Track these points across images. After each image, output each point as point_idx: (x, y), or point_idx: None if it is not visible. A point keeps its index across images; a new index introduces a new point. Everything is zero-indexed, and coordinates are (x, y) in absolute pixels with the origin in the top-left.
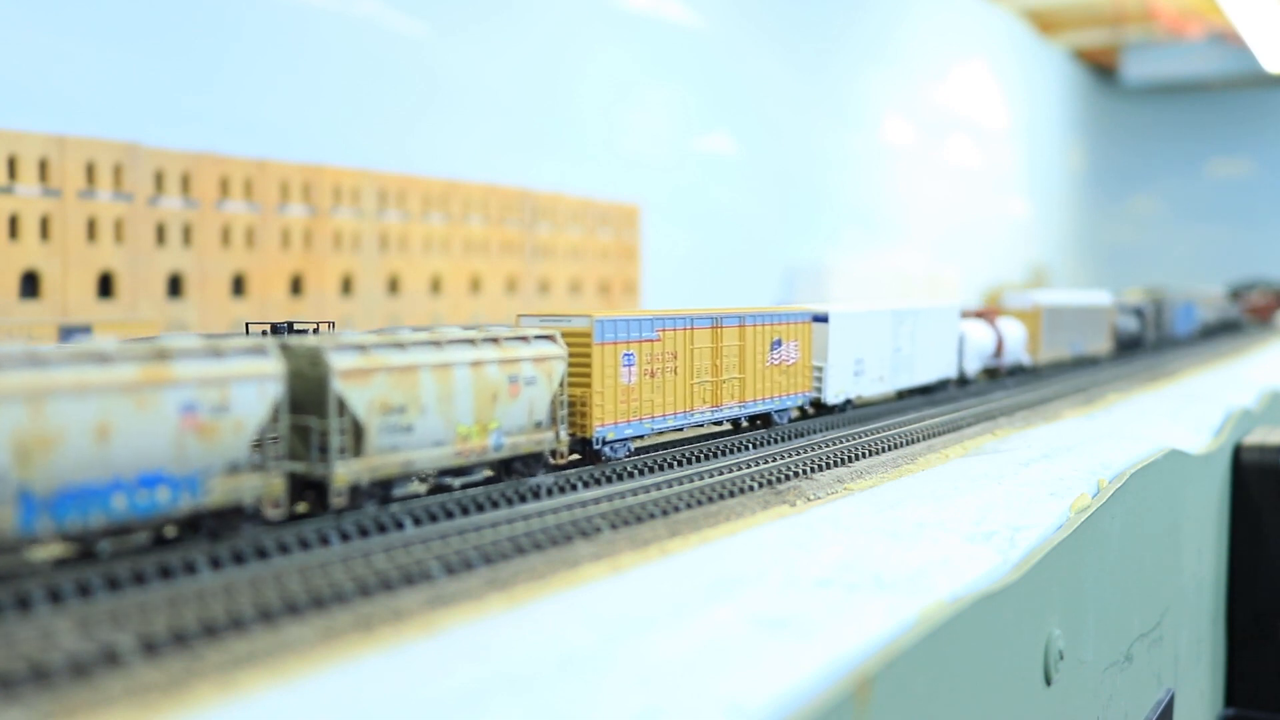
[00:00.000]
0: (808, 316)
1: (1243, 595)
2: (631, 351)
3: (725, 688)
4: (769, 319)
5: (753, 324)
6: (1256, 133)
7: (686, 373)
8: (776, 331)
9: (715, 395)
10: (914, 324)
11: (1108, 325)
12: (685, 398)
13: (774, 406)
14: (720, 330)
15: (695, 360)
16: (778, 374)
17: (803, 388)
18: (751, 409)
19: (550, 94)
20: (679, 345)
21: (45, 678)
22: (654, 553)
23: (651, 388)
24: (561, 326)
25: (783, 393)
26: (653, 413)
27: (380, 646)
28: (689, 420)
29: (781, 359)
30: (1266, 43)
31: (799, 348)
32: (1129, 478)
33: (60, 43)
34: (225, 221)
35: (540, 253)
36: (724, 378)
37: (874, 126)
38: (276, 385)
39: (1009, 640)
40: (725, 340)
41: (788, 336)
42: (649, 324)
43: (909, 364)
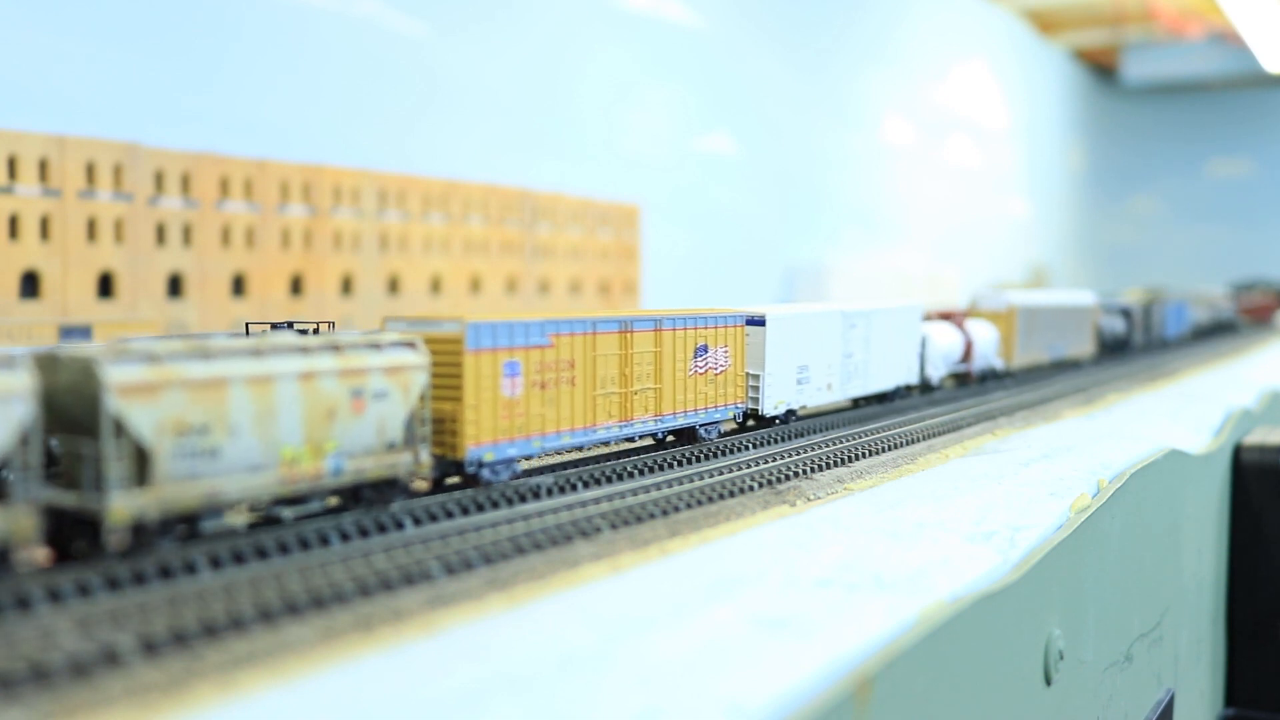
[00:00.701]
0: (740, 320)
1: (1243, 595)
2: (516, 360)
3: (725, 688)
4: (692, 322)
5: (671, 328)
6: (1256, 133)
7: (587, 383)
8: (701, 336)
9: (625, 408)
10: (867, 327)
11: (1090, 327)
12: (586, 411)
13: (699, 420)
14: (630, 335)
15: (599, 369)
16: (703, 383)
17: (735, 398)
18: (670, 423)
19: (550, 94)
20: (577, 352)
21: (45, 678)
22: (654, 553)
23: (543, 401)
24: (427, 332)
25: (710, 404)
26: (544, 429)
27: (380, 646)
28: (591, 437)
29: (708, 367)
30: (1266, 43)
31: (730, 354)
32: (1129, 478)
33: (60, 43)
34: (225, 221)
35: (540, 253)
36: (636, 388)
37: (874, 126)
38: (24, 405)
39: (1009, 640)
40: (637, 346)
41: (716, 342)
42: (538, 328)
43: (862, 370)
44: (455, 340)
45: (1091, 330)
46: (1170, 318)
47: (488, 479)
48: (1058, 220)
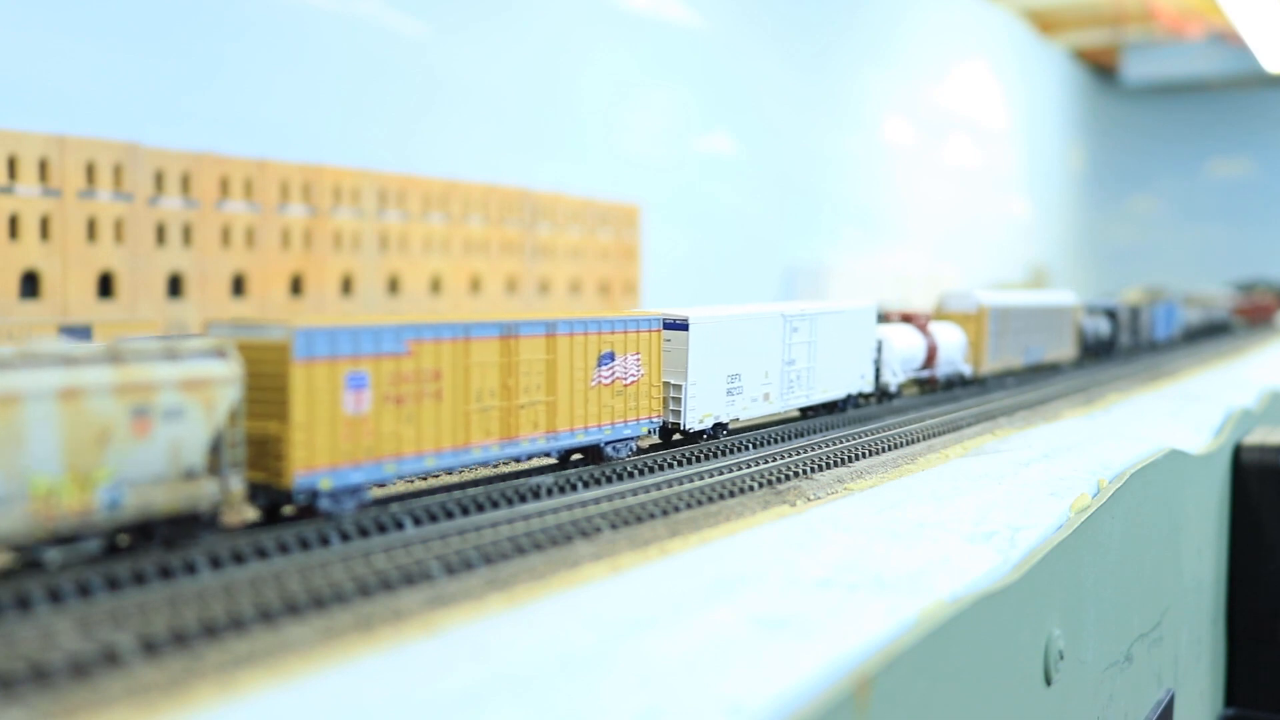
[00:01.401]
0: (655, 323)
1: (1243, 595)
2: (362, 371)
3: (725, 688)
4: (595, 326)
5: (568, 333)
6: (1256, 133)
7: (458, 397)
8: (607, 342)
9: (508, 425)
10: (812, 330)
11: (1072, 328)
12: (457, 429)
13: (603, 437)
14: (515, 341)
15: (473, 380)
16: (609, 396)
17: (649, 411)
18: (568, 441)
19: (550, 94)
20: (445, 361)
21: (45, 678)
22: (654, 553)
23: (398, 418)
24: (249, 338)
25: (618, 418)
26: (400, 450)
27: (380, 646)
28: (465, 459)
29: (616, 376)
30: (1266, 43)
31: (642, 362)
32: (1129, 478)
33: (60, 43)
34: (225, 221)
35: (540, 253)
36: (522, 402)
37: (874, 127)
38: None
39: (1009, 640)
40: (523, 354)
41: (624, 348)
42: (391, 334)
43: (806, 377)
44: (280, 348)
45: (1073, 332)
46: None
47: (327, 510)
48: (1058, 220)
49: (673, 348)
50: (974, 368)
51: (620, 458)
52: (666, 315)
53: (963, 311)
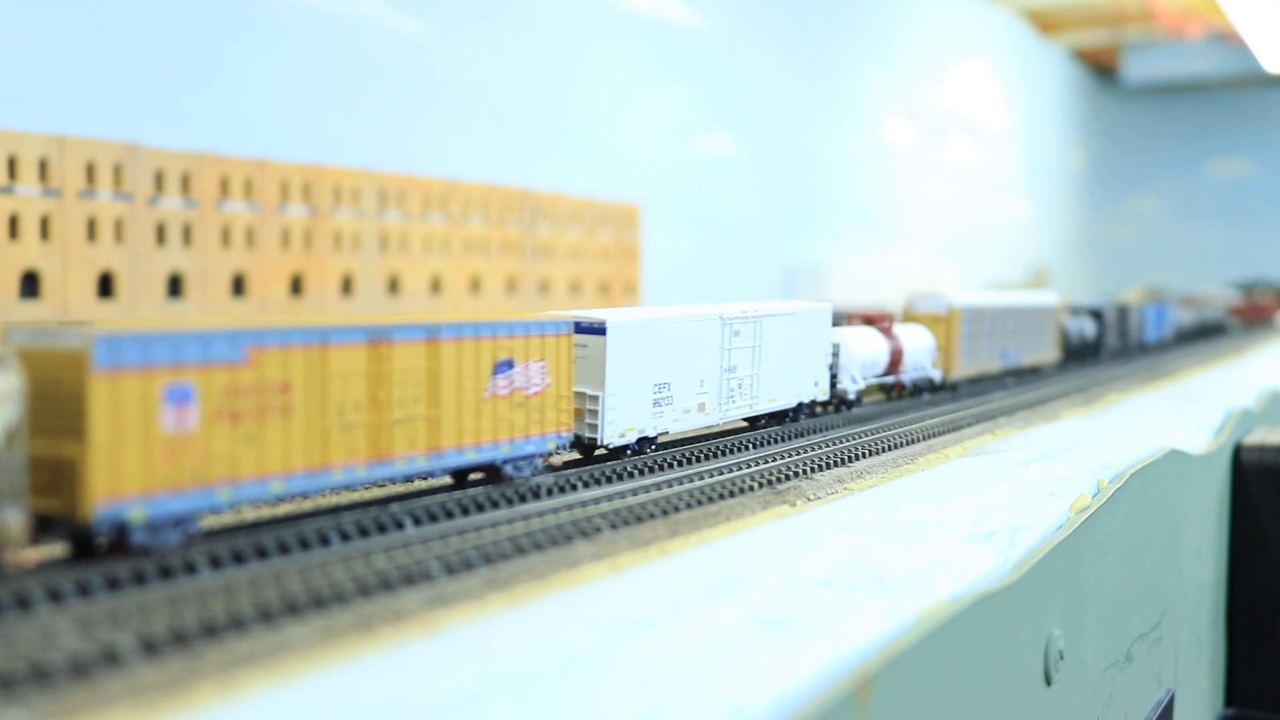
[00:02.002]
0: (565, 326)
1: (1243, 595)
2: (186, 383)
3: (726, 688)
4: (489, 331)
5: (454, 338)
6: (1256, 133)
7: (313, 411)
8: (503, 348)
9: (378, 443)
10: (756, 334)
11: (1054, 330)
12: (312, 449)
13: (500, 454)
14: (387, 348)
15: (333, 393)
16: (507, 408)
17: (557, 424)
18: (454, 460)
19: (550, 94)
20: (296, 371)
21: (45, 678)
22: (654, 553)
23: (235, 437)
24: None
25: (518, 433)
26: (237, 474)
27: (380, 646)
28: (323, 481)
29: (514, 386)
30: (1266, 43)
31: (549, 370)
32: (1129, 478)
33: (60, 43)
34: (225, 221)
35: (540, 253)
36: (396, 417)
37: (874, 127)
38: None
39: (1009, 640)
40: (398, 362)
41: (526, 355)
42: (225, 341)
43: (750, 386)
44: (76, 357)
45: (1055, 334)
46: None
47: (143, 544)
48: (1058, 220)
49: (588, 354)
50: (944, 372)
51: (523, 478)
52: (579, 318)
53: (932, 313)
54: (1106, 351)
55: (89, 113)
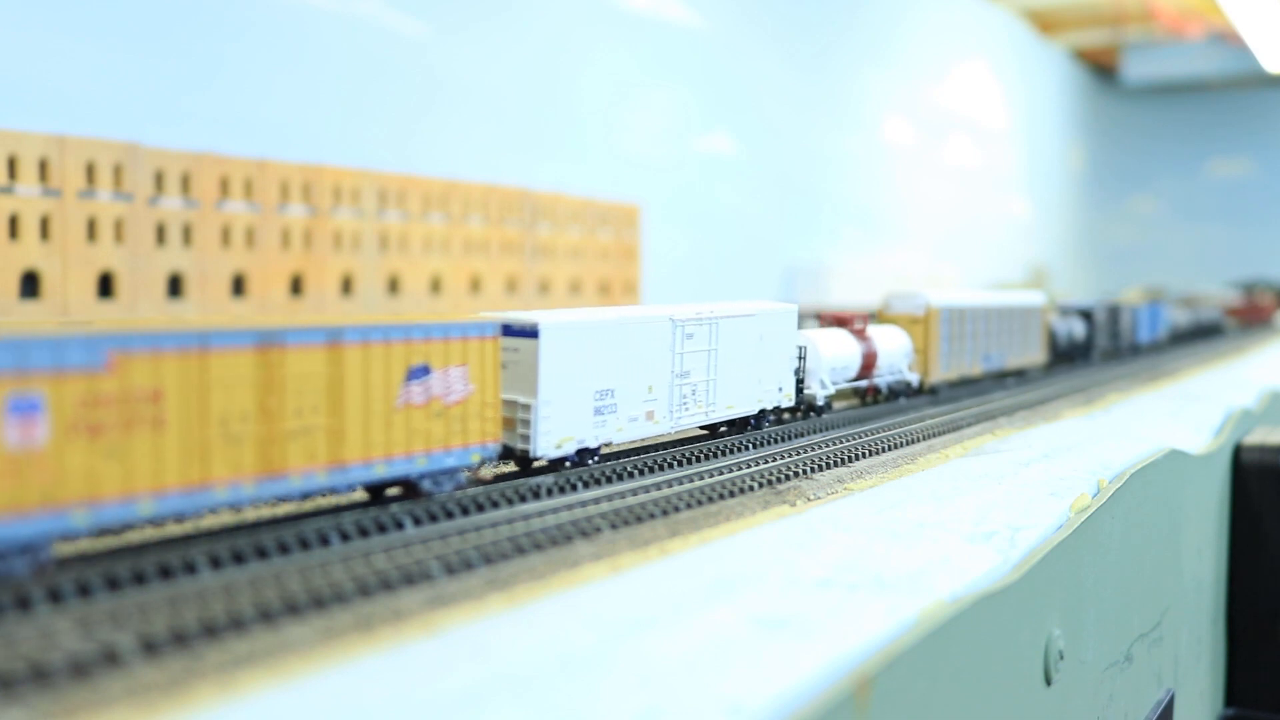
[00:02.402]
0: (491, 329)
1: (1243, 595)
2: (33, 394)
3: (726, 688)
4: (400, 334)
5: (360, 342)
6: (1256, 133)
7: (191, 423)
8: (418, 353)
9: (268, 457)
10: (712, 336)
11: (1041, 331)
12: (189, 464)
13: (416, 469)
14: (279, 353)
15: (215, 402)
16: (423, 418)
17: (481, 435)
18: (361, 474)
19: (550, 94)
20: (168, 379)
21: (45, 678)
22: (654, 553)
23: (94, 451)
24: None
25: (436, 445)
26: (96, 493)
27: (380, 646)
28: (203, 500)
29: (431, 394)
30: (1266, 43)
31: (472, 376)
32: (1129, 478)
33: (60, 43)
34: (225, 221)
35: (540, 253)
36: (291, 428)
37: (874, 127)
38: None
39: (1009, 640)
40: (292, 368)
41: (445, 360)
42: (82, 346)
43: (705, 392)
44: None
45: (1042, 335)
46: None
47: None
48: (1058, 220)
49: (519, 359)
50: (922, 376)
51: (444, 493)
52: (508, 319)
53: (909, 313)
54: (1097, 353)
55: (89, 113)
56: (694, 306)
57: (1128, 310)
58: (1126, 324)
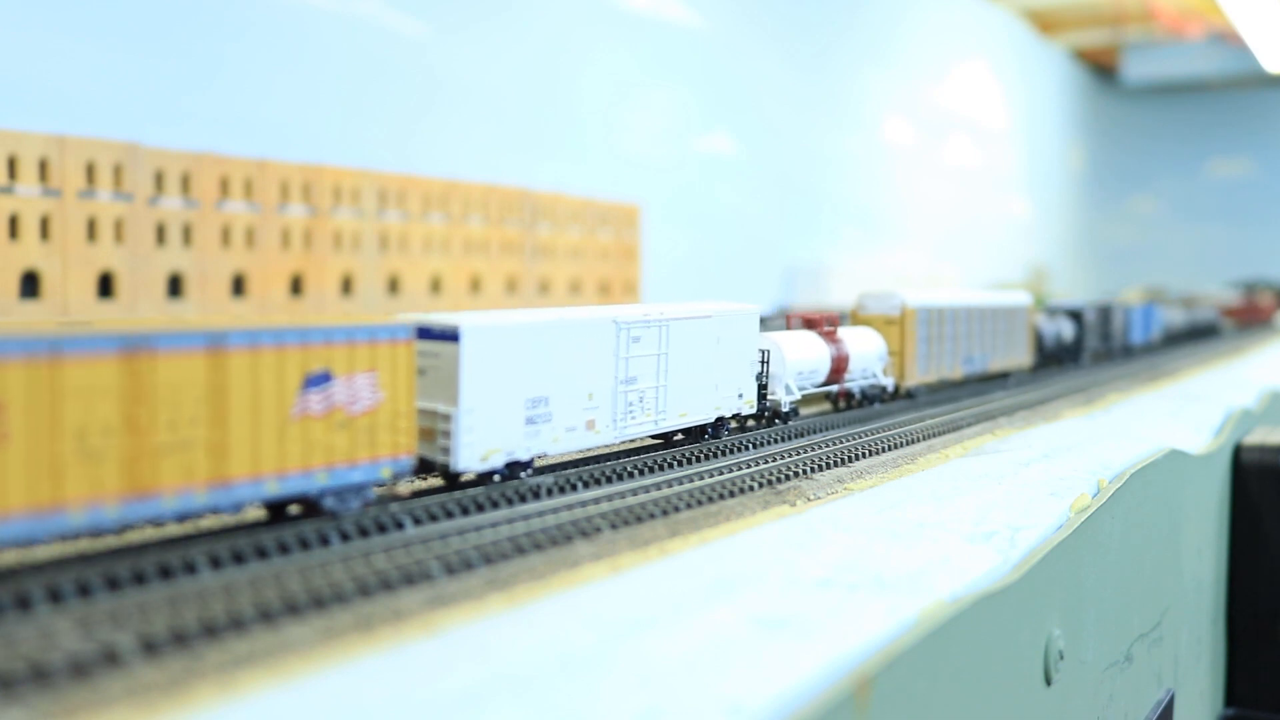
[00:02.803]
0: (403, 332)
1: (1243, 595)
2: None
3: (726, 688)
4: (295, 338)
5: (246, 346)
6: (1256, 133)
7: (40, 437)
8: (316, 358)
9: (136, 475)
10: (662, 340)
11: (1026, 332)
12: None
13: (315, 485)
14: (149, 360)
15: (71, 414)
16: (324, 430)
17: (392, 448)
18: (249, 492)
19: (550, 94)
20: (13, 388)
21: (45, 678)
22: (654, 553)
23: None
24: None
25: (339, 459)
26: None
27: (380, 646)
28: (55, 525)
29: (333, 404)
30: (1266, 43)
31: (381, 383)
32: (1129, 478)
33: (60, 43)
34: (225, 221)
35: (540, 253)
36: (165, 442)
37: (874, 127)
38: None
39: (1009, 640)
40: (164, 376)
41: (349, 366)
42: None
43: (655, 399)
44: None
45: (1028, 337)
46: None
47: None
48: (1058, 220)
49: (440, 364)
50: (897, 379)
51: (350, 511)
52: (425, 321)
53: (884, 314)
54: (1087, 355)
55: (89, 113)
56: (642, 308)
57: (1119, 310)
58: (1118, 325)
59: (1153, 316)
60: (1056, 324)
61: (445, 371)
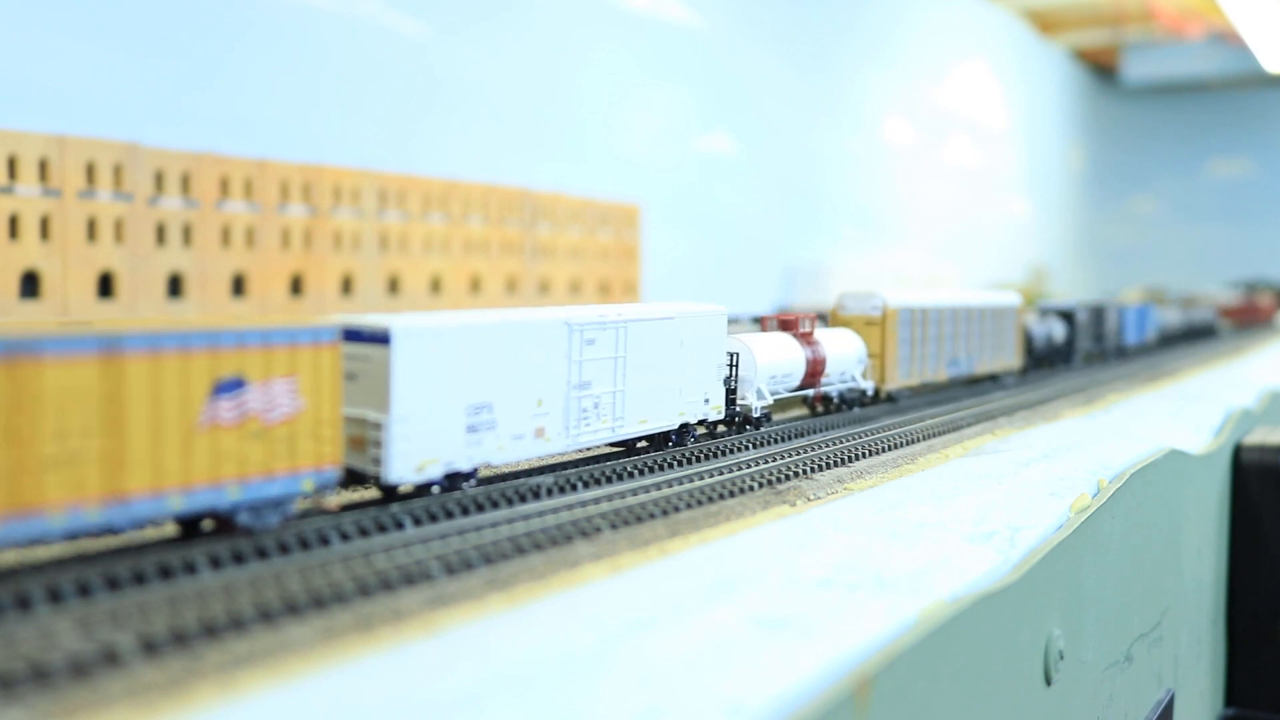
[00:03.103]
0: (328, 334)
1: (1243, 595)
2: None
3: (726, 688)
4: (203, 342)
5: (145, 352)
6: (1256, 133)
7: None
8: (228, 364)
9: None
10: (618, 342)
11: (1016, 333)
12: None
13: (227, 499)
14: (33, 367)
15: None
16: (236, 440)
17: (315, 459)
18: (149, 509)
19: (550, 94)
20: None
21: (45, 678)
22: (654, 553)
23: None
24: None
25: (254, 471)
26: None
27: (380, 646)
28: None
29: (246, 412)
30: (1266, 43)
31: (301, 389)
32: (1129, 478)
33: (60, 43)
34: (225, 221)
35: (540, 253)
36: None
37: (874, 127)
38: None
39: (1009, 640)
40: (51, 382)
41: (265, 371)
42: None
43: (612, 405)
44: None
45: (1017, 338)
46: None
47: None
48: (1058, 220)
49: (370, 368)
50: (878, 382)
51: (269, 527)
52: (354, 323)
53: (865, 314)
54: (1079, 357)
55: (89, 113)
56: (598, 309)
57: (1113, 311)
58: (1112, 325)
59: (1147, 317)
60: (1047, 325)
61: (376, 377)
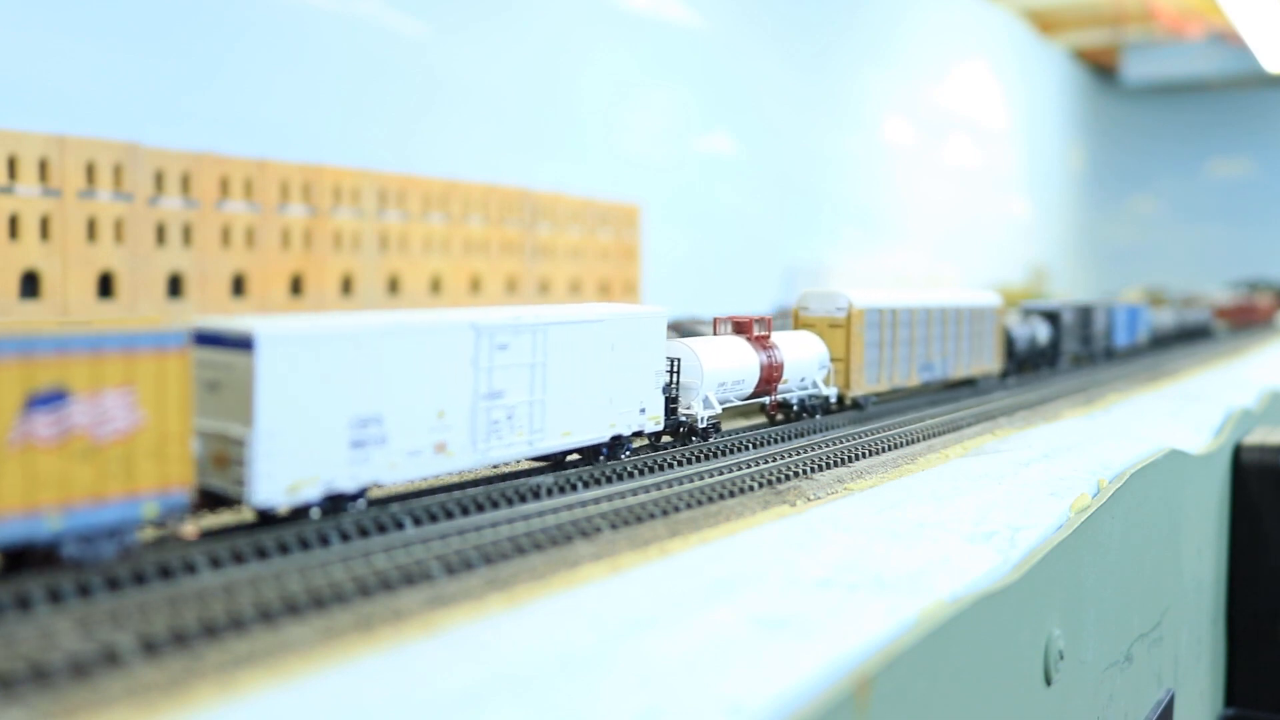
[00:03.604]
0: (173, 339)
1: (1243, 595)
2: None
3: (726, 688)
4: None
5: None
6: (1256, 133)
7: None
8: (47, 373)
9: None
10: (536, 347)
11: (996, 335)
12: None
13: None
14: None
15: None
16: (57, 460)
17: (159, 480)
18: None
19: (550, 94)
20: None
21: (45, 678)
22: (654, 553)
23: None
24: None
25: (81, 496)
26: None
27: (380, 646)
28: None
29: (71, 428)
30: (1266, 43)
31: (141, 401)
32: (1129, 478)
33: (60, 43)
34: (225, 221)
35: (540, 253)
36: None
37: (874, 127)
38: None
39: (1009, 640)
40: None
41: (95, 382)
42: None
43: (529, 416)
44: None
45: (997, 340)
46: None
47: None
48: (1058, 220)
49: (232, 378)
50: (842, 388)
51: (103, 560)
52: (209, 327)
53: (828, 315)
54: (1064, 360)
55: (89, 113)
56: (512, 310)
57: (1101, 312)
58: (1099, 327)
59: (1138, 318)
60: (1030, 326)
61: (239, 387)
